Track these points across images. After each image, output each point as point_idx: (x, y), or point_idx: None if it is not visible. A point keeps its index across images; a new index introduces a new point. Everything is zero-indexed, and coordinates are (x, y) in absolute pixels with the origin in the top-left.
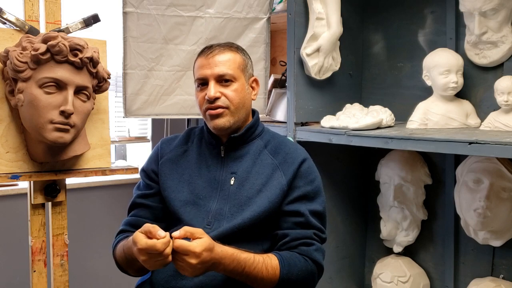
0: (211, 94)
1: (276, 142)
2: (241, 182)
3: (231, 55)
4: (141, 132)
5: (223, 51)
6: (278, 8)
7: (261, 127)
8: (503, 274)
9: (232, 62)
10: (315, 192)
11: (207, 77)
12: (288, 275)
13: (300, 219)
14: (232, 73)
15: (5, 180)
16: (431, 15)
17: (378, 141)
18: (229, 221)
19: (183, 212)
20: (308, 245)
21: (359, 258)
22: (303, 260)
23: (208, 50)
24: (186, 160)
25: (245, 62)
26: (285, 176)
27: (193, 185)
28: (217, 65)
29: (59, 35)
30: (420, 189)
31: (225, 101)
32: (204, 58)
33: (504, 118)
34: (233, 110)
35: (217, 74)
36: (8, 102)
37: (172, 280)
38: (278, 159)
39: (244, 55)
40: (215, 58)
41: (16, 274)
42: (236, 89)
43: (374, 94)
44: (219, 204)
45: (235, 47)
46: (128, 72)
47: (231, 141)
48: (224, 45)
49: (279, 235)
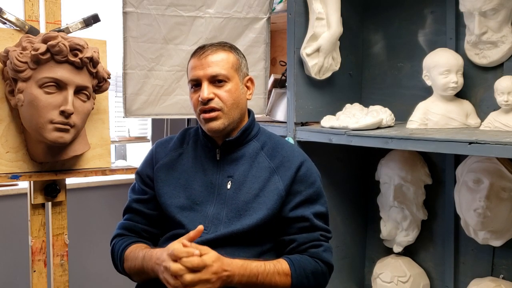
0: (204, 96)
1: (272, 143)
2: (238, 186)
3: (224, 54)
4: (141, 132)
5: (216, 51)
6: (278, 8)
7: (257, 127)
8: (503, 274)
9: (225, 62)
10: (316, 194)
11: (200, 78)
12: (300, 278)
13: (305, 224)
14: (225, 73)
15: (5, 180)
16: (431, 15)
17: (378, 141)
18: (226, 226)
19: (180, 217)
20: (316, 247)
21: (359, 258)
22: (314, 262)
23: (201, 50)
24: (181, 164)
25: (238, 62)
26: (282, 181)
27: (190, 190)
28: (210, 65)
29: (59, 35)
30: (420, 189)
31: (218, 102)
32: (196, 59)
33: (504, 118)
34: (226, 111)
35: (210, 75)
36: (8, 102)
37: None
38: (275, 162)
39: (238, 54)
40: (207, 58)
41: (16, 274)
42: (229, 90)
43: (374, 94)
44: (216, 209)
45: (228, 46)
46: (128, 72)
47: (226, 144)
48: (217, 45)
49: (286, 240)
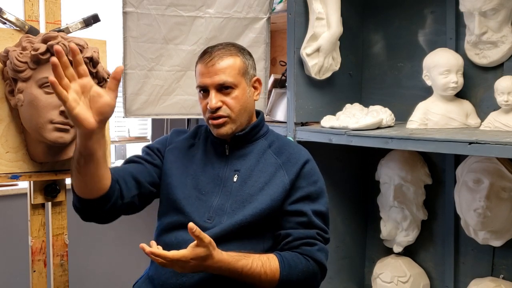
0: (212, 105)
1: (280, 142)
2: (244, 179)
3: (231, 60)
4: (141, 132)
5: (222, 57)
6: (278, 8)
7: (266, 127)
8: (503, 274)
9: (232, 68)
10: (318, 193)
11: (207, 86)
12: (288, 276)
13: (303, 219)
14: (232, 81)
15: (5, 180)
16: (431, 15)
17: (378, 141)
18: (230, 217)
19: (185, 204)
20: (310, 245)
21: (359, 258)
22: (305, 261)
23: (208, 57)
24: (192, 155)
25: (245, 65)
26: (287, 176)
27: (197, 180)
28: (217, 73)
29: (59, 35)
30: (420, 189)
31: (226, 110)
32: (204, 65)
33: (504, 118)
34: (234, 118)
35: (217, 83)
36: (8, 102)
37: (172, 277)
38: (282, 158)
39: (244, 56)
40: (214, 66)
41: (16, 274)
42: (236, 96)
43: (374, 94)
44: (221, 200)
45: (235, 48)
46: (128, 72)
47: (235, 140)
48: (223, 49)
49: (281, 234)
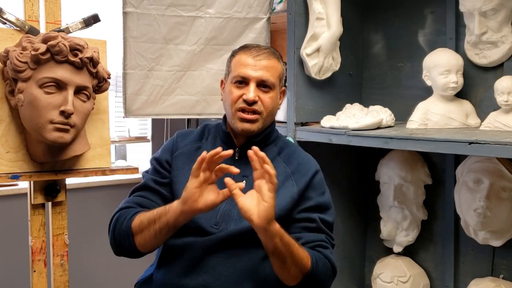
0: (251, 97)
1: (289, 150)
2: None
3: (276, 62)
4: (141, 132)
5: (269, 57)
6: (278, 8)
7: (276, 133)
8: (503, 274)
9: (275, 70)
10: (326, 203)
11: (250, 78)
12: (317, 268)
13: (312, 225)
14: (273, 81)
15: (5, 180)
16: (431, 15)
17: (378, 141)
18: (236, 223)
19: None
20: (324, 248)
21: (359, 258)
22: (324, 259)
23: (256, 52)
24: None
25: (282, 72)
26: (296, 186)
27: None
28: (263, 69)
29: (59, 35)
30: (420, 189)
31: (260, 107)
32: (250, 57)
33: (504, 118)
34: (265, 116)
35: (260, 78)
36: (8, 102)
37: (175, 278)
38: (291, 167)
39: (283, 64)
40: (262, 62)
41: (16, 274)
42: (272, 97)
43: (374, 94)
44: (228, 206)
45: (277, 54)
46: (128, 72)
47: (248, 144)
48: (269, 50)
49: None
